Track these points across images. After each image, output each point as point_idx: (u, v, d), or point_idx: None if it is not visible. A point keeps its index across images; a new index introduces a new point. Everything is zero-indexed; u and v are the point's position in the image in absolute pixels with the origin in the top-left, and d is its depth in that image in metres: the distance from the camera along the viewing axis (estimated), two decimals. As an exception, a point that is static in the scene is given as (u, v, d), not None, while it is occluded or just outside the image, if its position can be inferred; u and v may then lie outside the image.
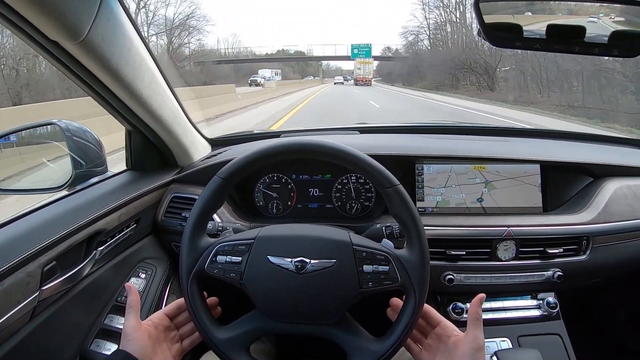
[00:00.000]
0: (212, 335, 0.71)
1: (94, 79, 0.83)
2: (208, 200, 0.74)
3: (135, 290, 0.75)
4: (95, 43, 0.74)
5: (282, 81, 44.98)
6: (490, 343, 1.04)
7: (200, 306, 0.73)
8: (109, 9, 0.74)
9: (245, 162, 0.74)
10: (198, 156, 1.28)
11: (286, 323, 0.72)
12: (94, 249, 0.90)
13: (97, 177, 1.05)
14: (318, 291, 0.69)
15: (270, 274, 0.70)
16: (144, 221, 1.10)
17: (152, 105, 0.98)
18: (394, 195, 0.72)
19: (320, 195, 1.22)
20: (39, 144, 1.12)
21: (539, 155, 1.19)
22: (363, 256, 0.71)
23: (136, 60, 0.87)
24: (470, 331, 0.69)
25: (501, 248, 1.07)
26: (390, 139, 1.40)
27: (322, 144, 0.74)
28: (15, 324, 0.71)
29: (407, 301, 0.71)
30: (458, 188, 1.18)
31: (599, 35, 0.83)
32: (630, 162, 1.23)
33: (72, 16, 0.67)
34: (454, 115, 12.19)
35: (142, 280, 1.05)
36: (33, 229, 0.79)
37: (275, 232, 0.75)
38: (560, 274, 1.07)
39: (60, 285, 0.80)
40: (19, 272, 0.71)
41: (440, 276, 1.06)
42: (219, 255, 0.72)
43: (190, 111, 1.18)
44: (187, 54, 34.95)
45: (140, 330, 0.70)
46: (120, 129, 1.12)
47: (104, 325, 0.93)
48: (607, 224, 1.10)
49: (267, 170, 1.22)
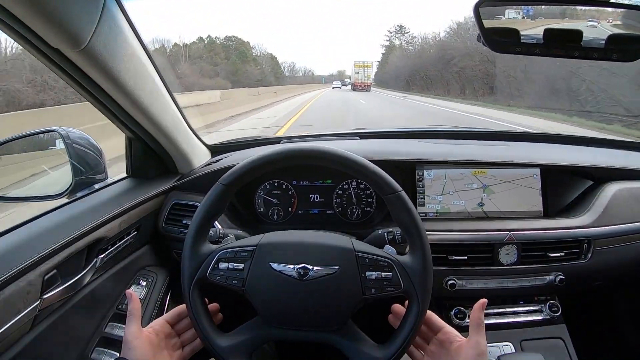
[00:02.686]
0: (213, 343, 0.71)
1: (95, 86, 0.83)
2: (210, 207, 0.74)
3: (136, 297, 0.75)
4: (97, 50, 0.74)
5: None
6: (493, 348, 1.04)
7: (202, 313, 0.72)
8: (111, 17, 0.75)
9: (247, 168, 0.74)
10: (198, 163, 1.28)
11: (288, 330, 0.72)
12: (95, 256, 0.90)
13: (97, 185, 1.05)
14: (321, 298, 0.69)
15: (272, 281, 0.70)
16: (145, 228, 1.10)
17: (153, 113, 0.98)
18: (396, 201, 0.72)
19: (321, 201, 1.22)
20: (39, 151, 1.12)
21: (539, 159, 1.19)
22: (366, 262, 0.70)
23: (138, 67, 0.87)
24: (473, 336, 0.69)
25: (503, 252, 1.07)
26: (390, 144, 1.40)
27: (324, 150, 0.74)
28: (16, 333, 0.71)
29: (410, 307, 0.70)
30: (457, 194, 1.18)
31: (595, 39, 0.83)
32: (630, 165, 1.23)
33: (74, 24, 0.67)
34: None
35: (143, 288, 1.04)
36: (33, 237, 0.79)
37: (277, 238, 0.75)
38: (562, 277, 1.07)
39: (61, 293, 0.80)
40: (20, 280, 0.70)
41: (442, 281, 1.06)
42: (221, 262, 0.72)
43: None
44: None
45: (141, 337, 0.69)
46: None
47: (104, 334, 0.93)
48: (608, 227, 1.10)
49: (267, 176, 1.22)
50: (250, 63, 56.37)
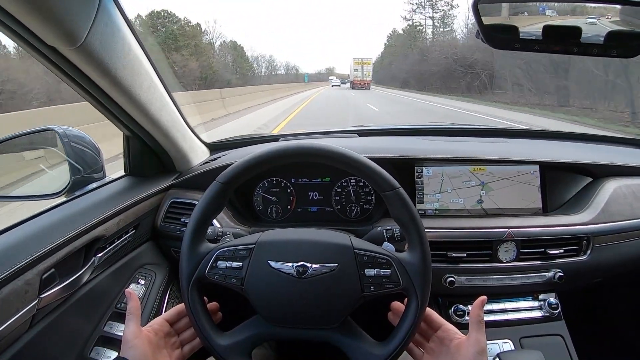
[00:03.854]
0: (213, 342, 0.71)
1: (92, 84, 0.83)
2: (208, 205, 0.73)
3: (136, 296, 0.74)
4: (93, 48, 0.73)
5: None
6: (493, 345, 1.04)
7: (200, 312, 0.72)
8: (107, 14, 0.74)
9: (245, 166, 0.74)
10: (197, 161, 1.28)
11: (288, 328, 0.72)
12: (93, 255, 0.90)
13: (95, 183, 1.04)
14: (320, 296, 0.69)
15: (271, 279, 0.70)
16: (143, 227, 1.10)
17: (150, 110, 0.97)
18: (395, 199, 0.72)
19: (320, 199, 1.22)
20: (36, 150, 1.11)
21: (538, 156, 1.19)
22: (364, 260, 0.70)
23: (134, 64, 0.87)
24: (472, 334, 0.69)
25: (502, 249, 1.07)
26: (389, 142, 1.40)
27: (322, 147, 0.74)
28: (14, 333, 0.71)
29: (409, 304, 0.70)
30: (455, 192, 1.18)
31: (594, 35, 0.83)
32: (629, 162, 1.23)
33: (70, 21, 0.67)
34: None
35: (141, 287, 1.04)
36: (31, 236, 0.79)
37: (276, 236, 0.74)
38: (561, 274, 1.07)
39: (59, 292, 0.79)
40: (18, 280, 0.70)
41: (441, 278, 1.06)
42: (220, 261, 0.72)
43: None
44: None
45: (140, 336, 0.69)
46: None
47: (103, 333, 0.92)
48: (607, 223, 1.10)
49: (266, 174, 1.22)
50: (182, 51, 36.39)
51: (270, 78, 61.12)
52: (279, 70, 68.94)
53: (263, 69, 61.58)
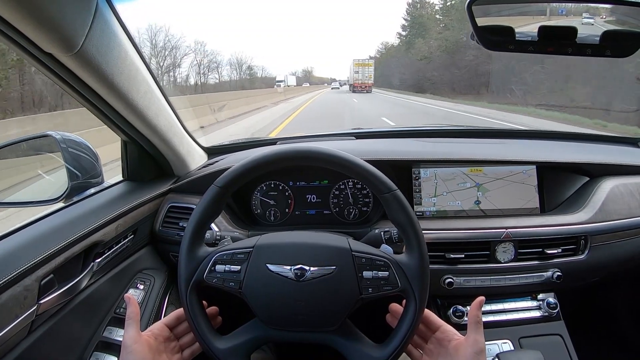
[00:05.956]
0: (212, 345, 0.71)
1: (89, 90, 0.83)
2: (206, 209, 0.74)
3: (135, 301, 0.74)
4: (90, 54, 0.73)
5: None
6: (492, 345, 1.04)
7: (199, 316, 0.72)
8: (103, 20, 0.74)
9: (243, 170, 0.74)
10: (194, 165, 1.28)
11: (286, 331, 0.72)
12: (92, 261, 0.90)
13: (93, 189, 1.04)
14: (318, 298, 0.69)
15: (269, 282, 0.70)
16: (142, 232, 1.10)
17: (147, 115, 0.97)
18: (392, 201, 0.72)
19: (318, 202, 1.22)
20: (34, 156, 1.11)
21: (535, 156, 1.19)
22: (362, 262, 0.70)
23: (131, 70, 0.87)
24: (471, 334, 0.69)
25: (500, 250, 1.07)
26: (386, 144, 1.41)
27: (319, 150, 0.74)
28: (13, 339, 0.70)
29: (408, 306, 0.70)
30: (451, 195, 1.18)
31: (590, 35, 0.84)
32: (625, 161, 1.23)
33: (66, 28, 0.67)
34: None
35: (140, 291, 1.04)
36: (29, 242, 0.79)
37: (274, 239, 0.75)
38: (559, 274, 1.07)
39: (58, 298, 0.79)
40: (16, 286, 0.70)
41: (439, 280, 1.06)
42: (218, 265, 0.72)
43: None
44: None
45: (140, 341, 0.69)
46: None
47: (103, 338, 0.92)
48: (604, 223, 1.11)
49: (264, 178, 1.22)
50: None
51: (220, 86, 45.47)
52: (231, 73, 53.26)
53: (202, 68, 44.68)
